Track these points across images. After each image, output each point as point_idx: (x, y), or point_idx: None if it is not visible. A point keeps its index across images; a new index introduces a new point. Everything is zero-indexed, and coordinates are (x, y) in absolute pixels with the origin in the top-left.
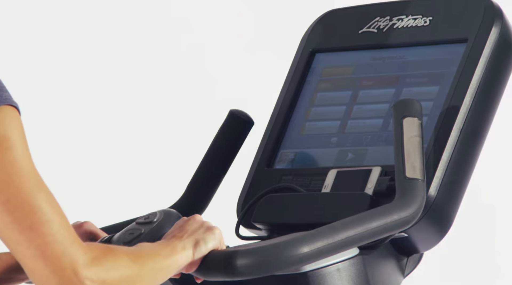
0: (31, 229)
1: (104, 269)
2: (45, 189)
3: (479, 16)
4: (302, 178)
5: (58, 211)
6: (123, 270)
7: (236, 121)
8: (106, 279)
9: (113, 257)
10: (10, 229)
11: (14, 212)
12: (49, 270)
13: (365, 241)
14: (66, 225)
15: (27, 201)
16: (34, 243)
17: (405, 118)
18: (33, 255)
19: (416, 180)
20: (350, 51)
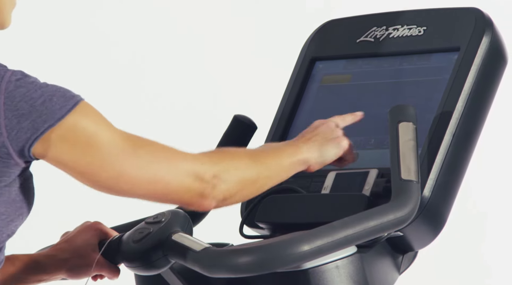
0: (147, 189)
1: (224, 170)
2: (140, 145)
3: (470, 26)
4: (302, 179)
5: (159, 154)
6: (244, 170)
7: (240, 126)
8: (228, 177)
9: (232, 161)
10: (134, 196)
11: (126, 184)
12: (179, 198)
13: (363, 240)
14: (171, 159)
15: (130, 174)
16: (154, 194)
17: (401, 123)
18: (162, 199)
19: (411, 182)
20: (348, 59)
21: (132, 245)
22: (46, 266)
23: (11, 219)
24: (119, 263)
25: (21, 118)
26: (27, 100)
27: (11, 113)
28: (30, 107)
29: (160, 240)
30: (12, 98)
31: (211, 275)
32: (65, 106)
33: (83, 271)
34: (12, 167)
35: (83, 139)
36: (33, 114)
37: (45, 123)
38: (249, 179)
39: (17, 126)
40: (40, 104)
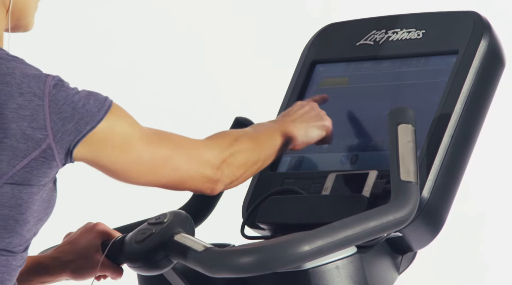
0: (169, 176)
1: (230, 154)
2: (163, 138)
3: (469, 29)
4: (303, 181)
5: (179, 144)
6: (247, 153)
7: (241, 127)
8: (234, 161)
9: (236, 144)
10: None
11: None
12: (194, 184)
13: (363, 240)
14: (189, 148)
15: (158, 165)
16: (174, 181)
17: (400, 125)
18: (178, 186)
19: (410, 183)
20: (348, 62)
21: (134, 246)
22: (50, 268)
23: (40, 218)
24: (122, 263)
25: (65, 121)
26: (69, 103)
27: (56, 116)
28: (73, 110)
29: (162, 240)
30: (56, 101)
31: (213, 275)
32: (102, 108)
33: (87, 272)
34: (53, 168)
35: (118, 140)
36: (75, 116)
37: (87, 125)
38: (252, 161)
39: (61, 128)
40: (81, 106)
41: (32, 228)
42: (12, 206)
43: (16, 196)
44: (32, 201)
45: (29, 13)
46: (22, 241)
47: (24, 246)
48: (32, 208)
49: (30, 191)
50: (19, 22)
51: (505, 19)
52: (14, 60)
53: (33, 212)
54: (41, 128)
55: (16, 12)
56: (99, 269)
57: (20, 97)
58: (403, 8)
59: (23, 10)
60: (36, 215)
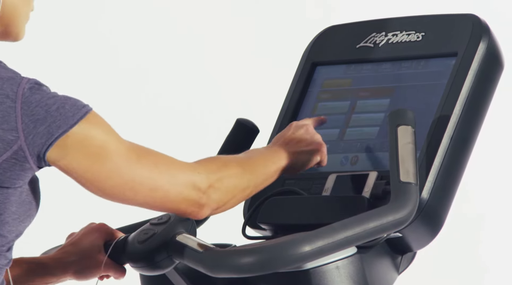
0: (148, 197)
1: (218, 179)
2: (144, 155)
3: (467, 32)
4: (304, 182)
5: (161, 164)
6: (236, 179)
7: (242, 129)
8: (222, 186)
9: (225, 170)
10: (134, 203)
11: (129, 191)
12: (176, 207)
13: (363, 241)
14: (171, 169)
15: (134, 182)
16: (154, 202)
17: (400, 126)
18: (160, 208)
19: (410, 184)
20: (348, 64)
21: (137, 246)
22: (53, 269)
23: (21, 220)
24: (125, 263)
25: (37, 123)
26: (43, 106)
27: (28, 118)
28: (45, 113)
29: (164, 241)
30: (29, 103)
31: (214, 275)
32: (77, 114)
33: (90, 272)
34: (27, 171)
35: (93, 148)
36: (48, 119)
37: (59, 129)
38: (240, 188)
39: (33, 130)
40: (54, 110)
41: (13, 229)
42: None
43: None
44: (9, 203)
45: (18, 21)
46: (4, 242)
47: (6, 247)
48: (10, 209)
49: (6, 192)
50: (8, 30)
51: (504, 22)
52: None
53: (11, 213)
54: (12, 130)
55: (5, 20)
56: (102, 269)
57: None
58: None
59: (13, 16)
60: (16, 217)
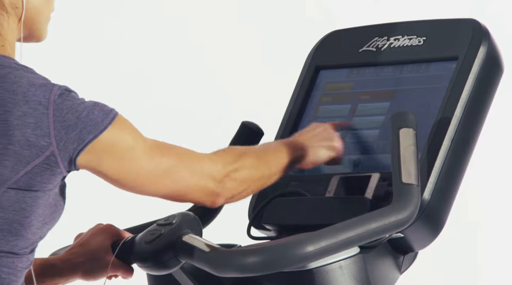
0: (171, 187)
1: (233, 169)
2: (166, 150)
3: (468, 36)
4: (308, 183)
5: (182, 156)
6: (251, 169)
7: (247, 132)
8: (237, 176)
9: (240, 160)
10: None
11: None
12: (195, 196)
13: (365, 241)
14: (192, 160)
15: (160, 176)
16: (175, 192)
17: (401, 129)
18: (180, 198)
19: (412, 185)
20: (351, 68)
21: (144, 246)
22: (62, 270)
23: (45, 222)
24: (132, 263)
25: (68, 129)
26: (73, 112)
27: (60, 124)
28: (76, 119)
29: (171, 241)
30: (60, 110)
31: (220, 275)
32: (106, 119)
33: (98, 273)
34: (57, 175)
35: (121, 150)
36: (79, 125)
37: (90, 134)
38: (255, 178)
39: (65, 136)
40: (85, 116)
41: (37, 231)
42: (16, 210)
43: (20, 200)
44: (36, 205)
45: (41, 23)
46: (28, 244)
47: (29, 249)
48: (37, 212)
49: (34, 196)
50: (32, 32)
51: (503, 26)
52: (23, 69)
53: (37, 215)
54: (45, 136)
55: (28, 22)
56: (111, 270)
57: (25, 105)
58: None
59: (35, 20)
60: (41, 219)
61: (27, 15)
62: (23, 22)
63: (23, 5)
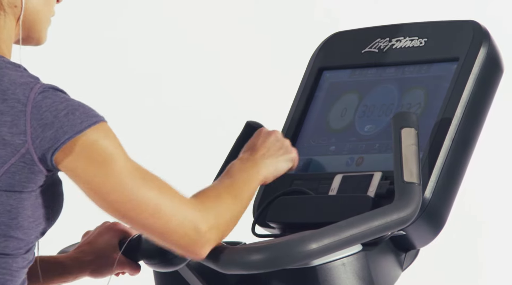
0: (149, 220)
1: (216, 216)
2: (148, 178)
3: (468, 37)
4: (311, 182)
5: (165, 190)
6: (230, 211)
7: (252, 131)
8: (220, 222)
9: (220, 204)
10: (136, 222)
11: (132, 210)
12: (176, 240)
13: (368, 239)
14: (174, 198)
15: (138, 201)
16: (154, 228)
17: (403, 129)
18: (160, 236)
19: (413, 184)
20: (353, 69)
21: (151, 244)
22: (70, 268)
23: (38, 223)
24: (139, 260)
25: (45, 127)
26: (52, 111)
27: (36, 122)
28: (54, 118)
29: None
30: (39, 108)
31: (225, 272)
32: (86, 121)
33: (106, 270)
34: (37, 174)
35: (100, 158)
36: (55, 124)
37: (65, 134)
38: (235, 217)
39: (41, 134)
40: (63, 115)
41: (30, 231)
42: (1, 212)
43: (4, 202)
44: (22, 207)
45: (40, 26)
46: (22, 245)
47: (24, 249)
48: (25, 213)
49: (19, 197)
50: (31, 34)
51: (503, 28)
52: (8, 68)
53: (26, 217)
54: (21, 134)
55: (27, 24)
56: (118, 267)
57: (3, 103)
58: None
59: (34, 22)
60: (32, 220)
61: (26, 15)
62: (21, 22)
63: (22, 5)
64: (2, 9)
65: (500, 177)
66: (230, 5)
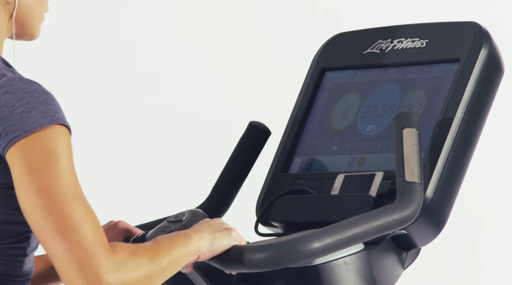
0: (60, 234)
1: (124, 272)
2: (80, 201)
3: (469, 39)
4: (313, 181)
5: (89, 220)
6: (142, 270)
7: (255, 132)
8: (126, 280)
9: (133, 259)
10: (44, 232)
11: (47, 217)
12: (74, 272)
13: (369, 238)
14: (95, 233)
15: (60, 210)
16: (61, 247)
17: (405, 129)
18: (61, 257)
19: (415, 184)
20: (355, 70)
21: None
22: None
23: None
24: None
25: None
26: (9, 106)
27: None
28: (9, 114)
29: None
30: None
31: (229, 270)
32: (38, 122)
33: None
34: (7, 169)
35: (41, 157)
36: (9, 121)
37: (14, 133)
38: (148, 278)
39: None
40: (18, 113)
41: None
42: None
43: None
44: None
45: (33, 22)
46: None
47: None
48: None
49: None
50: (24, 29)
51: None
52: None
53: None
54: None
55: (20, 20)
56: None
57: None
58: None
59: (27, 18)
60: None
61: (19, 11)
62: (14, 19)
63: (15, 2)
64: None
65: (501, 176)
66: (232, 5)
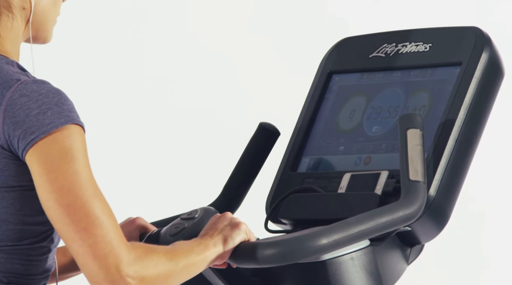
0: (85, 230)
1: (144, 267)
2: (100, 197)
3: (471, 43)
4: (321, 180)
5: (109, 216)
6: (160, 267)
7: (264, 132)
8: (145, 276)
9: (152, 256)
10: (68, 229)
11: (72, 214)
12: (97, 266)
13: (375, 234)
14: (115, 229)
15: (84, 206)
16: (87, 242)
17: (409, 130)
18: (85, 252)
19: (418, 182)
20: (361, 73)
21: (169, 239)
22: None
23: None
24: None
25: (16, 126)
26: (25, 109)
27: (10, 119)
28: (25, 117)
29: (193, 234)
30: (13, 105)
31: (240, 266)
32: (54, 122)
33: None
34: (25, 166)
35: (59, 156)
36: (25, 123)
37: (31, 135)
38: (165, 276)
39: (12, 133)
40: (34, 115)
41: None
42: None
43: (5, 197)
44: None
45: (48, 26)
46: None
47: (40, 237)
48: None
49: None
50: (38, 34)
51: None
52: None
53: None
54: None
55: (35, 24)
56: None
57: None
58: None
59: (42, 22)
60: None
61: (34, 16)
62: (30, 24)
63: (31, 8)
64: (10, 12)
65: (502, 175)
66: (242, 10)
